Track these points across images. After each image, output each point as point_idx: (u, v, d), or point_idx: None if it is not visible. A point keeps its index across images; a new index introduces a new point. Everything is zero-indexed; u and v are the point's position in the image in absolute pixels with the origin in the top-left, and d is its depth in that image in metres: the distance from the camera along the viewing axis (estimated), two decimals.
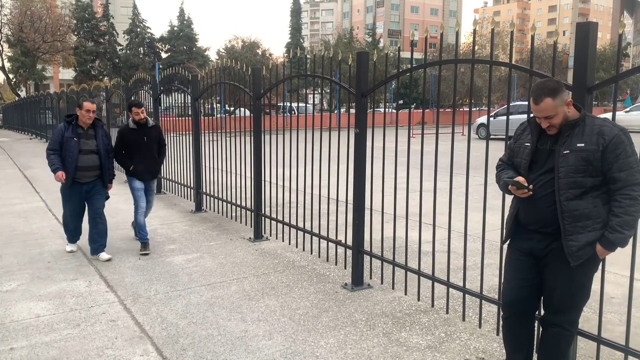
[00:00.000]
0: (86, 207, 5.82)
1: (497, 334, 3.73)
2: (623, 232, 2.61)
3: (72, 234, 6.00)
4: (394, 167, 4.40)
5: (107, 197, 6.03)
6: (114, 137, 6.15)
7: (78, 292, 4.76)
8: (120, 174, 7.25)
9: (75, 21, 50.22)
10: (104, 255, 5.72)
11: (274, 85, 6.10)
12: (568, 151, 2.66)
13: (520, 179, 2.78)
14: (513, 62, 3.61)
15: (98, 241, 5.76)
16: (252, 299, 4.56)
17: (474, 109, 35.30)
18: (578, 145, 2.64)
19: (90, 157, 5.58)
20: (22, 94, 44.39)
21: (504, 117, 20.02)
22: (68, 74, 53.42)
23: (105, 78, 49.25)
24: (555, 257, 2.75)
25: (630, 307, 2.93)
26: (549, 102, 2.65)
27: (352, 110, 4.85)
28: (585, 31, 2.91)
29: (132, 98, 10.07)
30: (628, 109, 25.64)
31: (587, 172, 2.63)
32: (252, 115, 6.46)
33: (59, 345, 3.71)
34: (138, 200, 6.10)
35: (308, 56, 5.83)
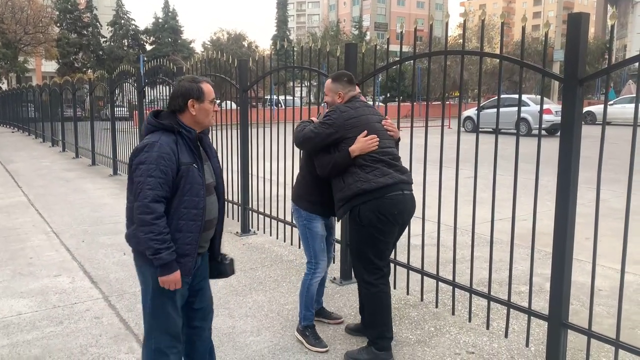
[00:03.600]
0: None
1: (487, 328, 3.72)
2: None
3: None
4: None
5: (226, 263, 2.86)
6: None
7: (61, 288, 4.66)
8: None
9: (57, 12, 49.42)
10: None
11: (261, 77, 6.01)
12: None
13: None
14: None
15: None
16: (239, 295, 4.50)
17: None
18: None
19: (213, 199, 2.68)
20: (4, 86, 43.62)
21: (490, 110, 20.16)
22: (51, 66, 52.62)
23: (89, 70, 48.62)
24: None
25: (620, 300, 2.93)
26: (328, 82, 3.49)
27: None
28: (577, 22, 2.87)
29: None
30: (612, 101, 25.92)
31: None
32: (238, 108, 6.38)
33: (42, 343, 3.62)
34: (318, 255, 3.59)
35: (295, 48, 5.75)
